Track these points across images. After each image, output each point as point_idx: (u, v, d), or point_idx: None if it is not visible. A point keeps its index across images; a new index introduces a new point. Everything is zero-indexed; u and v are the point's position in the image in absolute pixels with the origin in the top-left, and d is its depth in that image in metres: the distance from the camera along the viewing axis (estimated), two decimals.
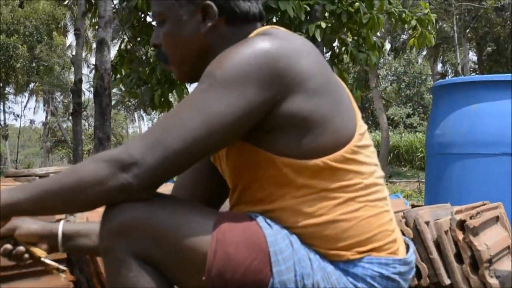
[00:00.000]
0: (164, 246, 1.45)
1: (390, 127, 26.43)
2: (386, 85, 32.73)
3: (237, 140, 1.50)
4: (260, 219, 1.49)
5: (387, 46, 24.22)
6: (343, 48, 6.30)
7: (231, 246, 1.44)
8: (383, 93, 30.22)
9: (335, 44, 6.31)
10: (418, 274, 2.44)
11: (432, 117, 3.71)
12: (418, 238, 2.44)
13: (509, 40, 20.18)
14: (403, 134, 26.76)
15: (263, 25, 1.66)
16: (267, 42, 1.44)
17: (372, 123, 30.49)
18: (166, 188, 1.77)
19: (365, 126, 1.61)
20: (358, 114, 1.59)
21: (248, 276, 1.44)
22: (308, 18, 5.80)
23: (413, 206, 4.34)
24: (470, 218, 2.43)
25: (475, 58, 26.26)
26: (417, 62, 32.70)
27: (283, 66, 1.43)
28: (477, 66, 24.60)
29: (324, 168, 1.48)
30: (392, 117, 29.18)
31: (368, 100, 29.28)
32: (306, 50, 1.50)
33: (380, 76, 30.14)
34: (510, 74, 3.29)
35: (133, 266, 1.45)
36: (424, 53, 26.31)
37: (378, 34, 18.17)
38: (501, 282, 2.38)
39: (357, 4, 5.78)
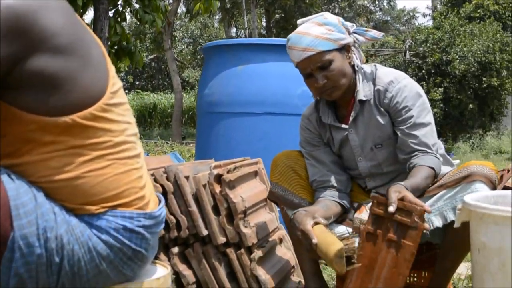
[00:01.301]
0: None
1: (186, 89, 26.68)
2: (182, 47, 32.93)
3: None
4: (3, 174, 1.46)
5: (183, 8, 24.24)
6: (127, 7, 6.23)
7: None
8: (178, 55, 30.35)
9: (119, 2, 6.21)
10: (178, 226, 2.54)
11: (203, 77, 3.80)
12: (178, 191, 2.52)
13: (295, 8, 21.24)
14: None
15: None
16: None
17: (168, 84, 30.58)
18: None
19: (119, 84, 1.64)
20: (112, 72, 1.61)
21: None
22: None
23: None
24: (228, 172, 2.56)
25: None
26: (213, 26, 33.24)
27: (26, 21, 1.40)
28: (265, 32, 25.61)
29: (73, 125, 1.49)
30: (187, 79, 29.49)
31: (164, 62, 29.26)
32: (52, 6, 1.47)
33: (176, 38, 30.19)
34: (273, 39, 3.49)
35: None
36: (218, 17, 26.76)
37: None
38: (255, 231, 2.56)
39: None
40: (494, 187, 2.18)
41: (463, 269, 3.18)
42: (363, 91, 2.41)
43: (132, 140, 1.66)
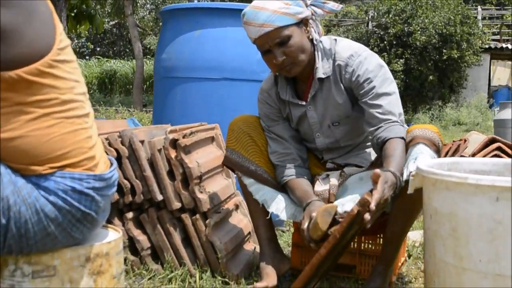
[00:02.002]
0: None
1: (147, 56, 26.34)
2: (145, 13, 32.42)
3: None
4: None
5: None
6: None
7: None
8: (140, 22, 29.89)
9: None
10: (133, 191, 2.51)
11: (160, 41, 3.72)
12: (133, 156, 2.49)
13: None
14: None
15: None
16: None
17: (130, 51, 30.14)
18: None
19: (66, 42, 1.61)
20: (59, 29, 1.58)
21: None
22: None
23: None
24: (183, 137, 2.53)
25: None
26: None
27: None
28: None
29: (18, 81, 1.46)
30: (149, 46, 29.09)
31: (126, 28, 28.81)
32: None
33: (138, 4, 29.70)
34: (230, 3, 3.43)
35: None
36: None
37: None
38: (211, 197, 2.55)
39: None
40: (437, 149, 2.19)
41: (418, 236, 3.22)
42: (322, 68, 2.38)
43: (80, 99, 1.63)
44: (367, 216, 1.91)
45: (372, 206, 1.89)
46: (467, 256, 1.58)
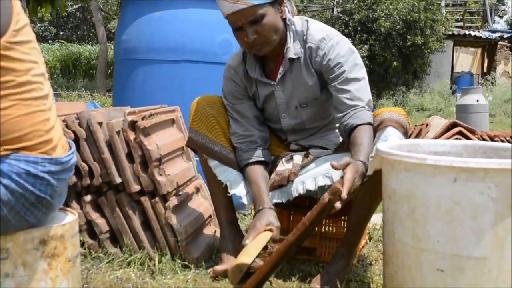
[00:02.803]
0: None
1: (112, 40, 26.03)
2: None
3: None
4: None
5: None
6: None
7: None
8: (104, 5, 29.48)
9: None
10: (91, 174, 2.47)
11: (120, 23, 3.65)
12: (91, 138, 2.44)
13: None
14: None
15: None
16: None
17: (94, 35, 29.74)
18: None
19: (24, 21, 1.57)
20: (16, 9, 1.54)
21: None
22: None
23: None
24: (142, 119, 2.49)
25: None
26: None
27: None
28: None
29: None
30: (113, 30, 28.74)
31: (89, 12, 28.41)
32: None
33: None
34: None
35: None
36: None
37: None
38: (170, 180, 2.51)
39: None
40: (405, 131, 2.21)
41: (378, 218, 3.24)
42: (294, 48, 2.36)
43: (38, 81, 1.59)
44: (337, 204, 1.92)
45: (344, 195, 1.90)
46: (425, 237, 1.59)
